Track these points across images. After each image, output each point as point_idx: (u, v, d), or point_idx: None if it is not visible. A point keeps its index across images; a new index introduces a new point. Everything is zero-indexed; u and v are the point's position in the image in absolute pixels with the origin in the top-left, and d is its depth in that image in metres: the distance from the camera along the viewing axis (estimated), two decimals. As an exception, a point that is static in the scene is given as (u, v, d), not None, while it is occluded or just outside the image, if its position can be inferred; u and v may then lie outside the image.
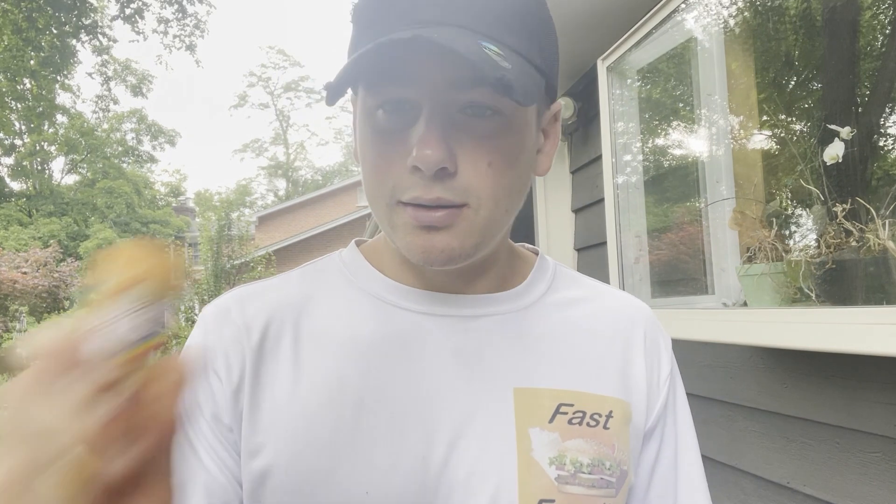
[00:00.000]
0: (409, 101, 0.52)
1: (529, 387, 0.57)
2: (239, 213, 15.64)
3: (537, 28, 0.54)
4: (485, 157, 0.52)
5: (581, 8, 2.37)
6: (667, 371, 0.65)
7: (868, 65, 1.63)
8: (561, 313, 0.63)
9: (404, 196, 0.52)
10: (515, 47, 0.52)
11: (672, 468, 0.64)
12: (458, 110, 0.52)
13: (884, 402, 1.32)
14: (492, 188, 0.52)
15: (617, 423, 0.59)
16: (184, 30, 12.32)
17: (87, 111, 39.57)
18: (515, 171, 0.54)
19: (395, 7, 0.51)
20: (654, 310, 0.72)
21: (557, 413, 0.57)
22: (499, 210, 0.54)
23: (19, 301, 15.41)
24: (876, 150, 1.53)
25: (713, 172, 1.92)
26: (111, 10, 14.77)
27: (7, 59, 10.91)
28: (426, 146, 0.49)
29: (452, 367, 0.57)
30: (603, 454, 0.57)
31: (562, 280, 0.67)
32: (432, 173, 0.50)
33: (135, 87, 26.84)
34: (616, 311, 0.66)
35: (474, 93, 0.51)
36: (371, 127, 0.54)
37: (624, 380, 0.61)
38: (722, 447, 1.88)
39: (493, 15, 0.51)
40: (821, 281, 1.29)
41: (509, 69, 0.47)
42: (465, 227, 0.53)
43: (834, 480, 1.47)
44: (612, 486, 0.57)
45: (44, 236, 23.97)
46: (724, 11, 1.94)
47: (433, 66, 0.50)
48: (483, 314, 0.60)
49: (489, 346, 0.58)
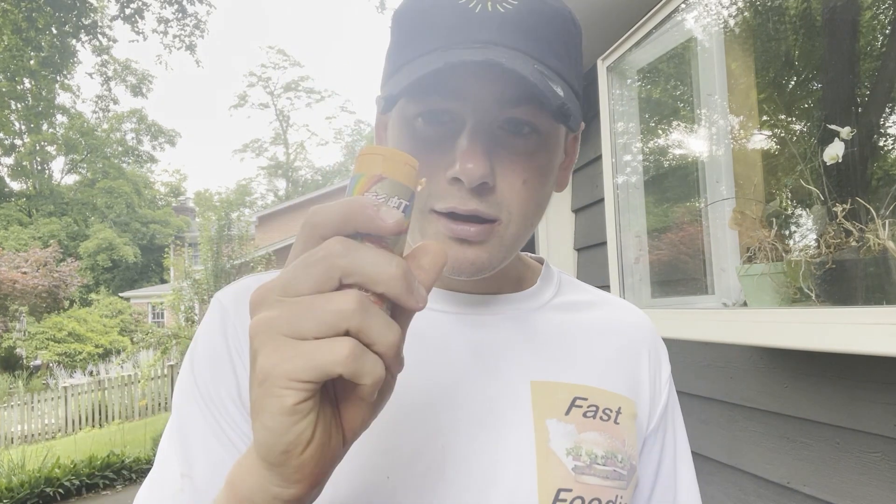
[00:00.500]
0: (451, 113, 0.53)
1: (546, 380, 0.59)
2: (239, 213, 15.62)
3: (575, 52, 0.56)
4: (521, 174, 0.54)
5: (581, 8, 2.37)
6: (666, 375, 0.69)
7: (868, 65, 1.63)
8: (570, 315, 0.66)
9: (439, 205, 0.53)
10: (561, 72, 0.53)
11: (673, 469, 0.68)
12: (498, 126, 0.53)
13: (884, 402, 1.32)
14: (524, 205, 0.55)
15: (625, 420, 0.61)
16: (184, 30, 12.32)
17: (87, 111, 39.57)
18: (545, 189, 0.57)
19: (447, 22, 0.51)
20: (654, 310, 0.74)
21: (573, 406, 0.59)
22: (526, 226, 0.57)
23: (19, 301, 15.40)
24: (876, 150, 1.53)
25: (713, 172, 1.92)
26: (111, 10, 14.77)
27: (7, 59, 10.91)
28: (470, 160, 0.51)
29: (471, 362, 0.58)
30: (615, 447, 0.59)
31: (567, 286, 0.70)
32: (474, 186, 0.51)
33: (135, 87, 26.84)
34: (623, 315, 0.69)
35: (517, 110, 0.52)
36: (410, 134, 0.55)
37: (631, 380, 0.64)
38: (722, 447, 1.88)
39: (543, 40, 0.52)
40: (821, 281, 1.29)
41: (563, 95, 0.49)
42: (496, 243, 0.55)
43: (834, 480, 1.47)
44: (624, 479, 0.59)
45: (44, 236, 23.96)
46: (724, 11, 1.94)
47: (483, 82, 0.51)
48: (499, 312, 0.62)
49: (506, 341, 0.60)
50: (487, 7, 0.51)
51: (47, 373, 15.55)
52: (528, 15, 0.52)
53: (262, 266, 13.08)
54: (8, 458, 6.27)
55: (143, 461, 6.42)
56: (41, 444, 8.70)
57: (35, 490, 5.50)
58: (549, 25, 0.53)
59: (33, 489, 5.50)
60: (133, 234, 27.64)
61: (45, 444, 8.59)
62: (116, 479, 6.11)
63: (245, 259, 13.13)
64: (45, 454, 6.31)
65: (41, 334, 17.10)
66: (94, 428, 10.04)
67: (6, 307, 15.19)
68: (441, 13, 0.52)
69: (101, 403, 10.39)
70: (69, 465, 5.96)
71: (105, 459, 6.20)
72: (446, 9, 0.52)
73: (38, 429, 9.81)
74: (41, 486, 5.56)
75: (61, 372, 14.29)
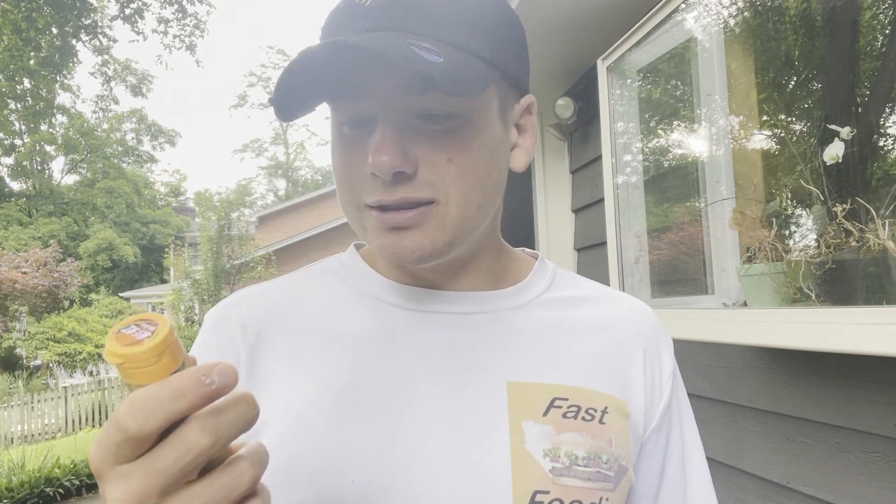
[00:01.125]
0: (368, 114, 0.54)
1: (523, 381, 0.58)
2: (239, 213, 15.63)
3: (484, 22, 0.55)
4: (443, 153, 0.53)
5: (581, 8, 2.37)
6: (668, 371, 0.66)
7: (868, 65, 1.63)
8: (558, 312, 0.64)
9: (368, 199, 0.55)
10: (454, 41, 0.53)
11: (680, 468, 0.65)
12: (414, 115, 0.53)
13: (884, 402, 1.32)
14: (457, 182, 0.54)
15: (613, 419, 0.59)
16: (184, 30, 12.33)
17: (87, 111, 39.56)
18: (479, 166, 0.55)
19: (337, 22, 0.54)
20: (654, 310, 0.72)
21: (552, 407, 0.57)
22: (469, 205, 0.55)
23: (19, 301, 15.40)
24: (876, 150, 1.53)
25: (713, 172, 1.92)
26: (111, 10, 14.77)
27: (7, 59, 10.91)
28: (380, 153, 0.51)
29: (446, 362, 0.58)
30: (599, 448, 0.57)
31: (562, 281, 0.68)
32: (389, 178, 0.52)
33: (135, 87, 26.85)
34: (615, 310, 0.67)
35: (428, 98, 0.52)
36: (338, 139, 0.57)
37: (621, 378, 0.62)
38: (722, 447, 1.88)
39: (429, 14, 0.52)
40: (821, 281, 1.29)
41: (439, 63, 0.48)
42: (436, 225, 0.54)
43: (834, 480, 1.47)
44: (610, 481, 0.57)
45: (44, 236, 23.97)
46: (724, 11, 1.94)
47: (380, 76, 0.52)
48: (476, 311, 0.61)
49: (482, 341, 0.59)
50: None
51: (47, 373, 15.54)
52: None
53: (262, 266, 13.08)
54: (8, 458, 6.26)
55: (143, 461, 6.41)
56: (41, 444, 8.70)
57: (35, 490, 5.50)
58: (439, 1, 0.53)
59: (33, 489, 5.50)
60: (133, 234, 27.65)
61: (45, 444, 8.59)
62: (116, 479, 6.11)
63: (245, 259, 13.14)
64: (45, 454, 6.31)
65: (41, 334, 17.09)
66: (94, 428, 10.04)
67: (6, 307, 15.18)
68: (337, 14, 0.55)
69: (101, 403, 10.39)
70: (69, 465, 5.96)
71: (105, 459, 6.20)
72: (342, 9, 0.54)
73: (38, 429, 9.81)
74: (41, 486, 5.56)
75: (61, 372, 14.29)
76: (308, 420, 0.55)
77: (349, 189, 0.56)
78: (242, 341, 0.59)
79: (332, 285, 0.64)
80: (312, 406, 0.56)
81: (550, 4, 2.35)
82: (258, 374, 0.58)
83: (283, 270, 15.51)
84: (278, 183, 40.79)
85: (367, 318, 0.60)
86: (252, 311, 0.61)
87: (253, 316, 0.61)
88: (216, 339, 0.60)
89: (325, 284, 0.65)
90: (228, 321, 0.61)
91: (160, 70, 51.50)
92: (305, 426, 0.55)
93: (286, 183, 40.03)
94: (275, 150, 40.22)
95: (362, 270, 0.64)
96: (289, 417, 0.55)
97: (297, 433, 0.55)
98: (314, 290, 0.64)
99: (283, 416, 0.56)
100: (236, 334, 0.60)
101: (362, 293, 0.62)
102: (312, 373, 0.57)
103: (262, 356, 0.59)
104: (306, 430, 0.55)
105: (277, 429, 0.55)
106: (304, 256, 16.52)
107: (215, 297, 12.23)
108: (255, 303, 0.62)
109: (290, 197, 35.71)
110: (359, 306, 0.61)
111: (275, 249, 15.20)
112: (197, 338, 0.63)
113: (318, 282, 0.65)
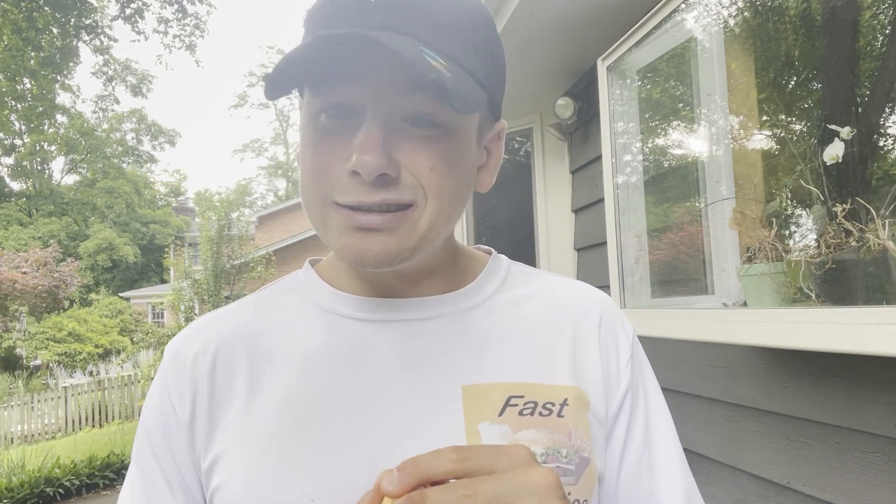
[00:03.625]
0: (352, 106, 0.53)
1: (478, 383, 0.58)
2: (239, 213, 15.62)
3: (482, 45, 0.55)
4: (426, 161, 0.53)
5: (581, 8, 2.37)
6: (626, 356, 0.64)
7: (868, 65, 1.63)
8: (510, 309, 0.64)
9: (341, 198, 0.53)
10: (457, 58, 0.52)
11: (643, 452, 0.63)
12: (400, 118, 0.53)
13: (884, 402, 1.32)
14: (435, 191, 0.54)
15: (573, 411, 0.59)
16: (184, 30, 12.32)
17: (87, 111, 39.57)
18: (456, 179, 0.55)
19: (343, 12, 0.52)
20: (654, 310, 0.72)
21: (507, 406, 0.57)
22: (441, 215, 0.55)
23: (19, 301, 15.40)
24: (876, 150, 1.53)
25: (713, 172, 1.92)
26: (111, 10, 14.77)
27: (7, 59, 10.91)
28: (366, 152, 0.50)
29: (400, 372, 0.58)
30: (558, 442, 0.57)
31: (515, 277, 0.67)
32: (372, 179, 0.51)
33: (135, 87, 26.84)
34: (567, 300, 0.66)
35: (415, 100, 0.52)
36: (314, 129, 0.55)
37: (576, 367, 0.62)
38: (722, 447, 1.88)
39: (437, 25, 0.52)
40: (821, 281, 1.29)
41: (447, 76, 0.48)
42: (407, 230, 0.54)
43: (834, 480, 1.47)
44: (571, 474, 0.57)
45: (44, 236, 23.97)
46: (724, 11, 1.94)
47: (375, 67, 0.51)
48: (429, 316, 0.61)
49: (436, 347, 0.60)
50: None
51: (47, 373, 15.54)
52: (427, 3, 0.52)
53: (262, 266, 13.08)
54: (8, 458, 6.27)
55: (143, 461, 6.42)
56: (41, 444, 8.70)
57: (35, 490, 5.50)
58: (449, 14, 0.53)
59: (33, 489, 5.50)
60: (133, 234, 27.64)
61: (45, 444, 8.59)
62: (116, 479, 6.11)
63: (245, 259, 13.14)
64: (45, 454, 6.32)
65: (41, 334, 17.09)
66: (94, 428, 10.05)
67: (6, 307, 15.19)
68: (336, 5, 0.52)
69: (101, 403, 10.40)
70: (69, 465, 5.96)
71: (105, 459, 6.20)
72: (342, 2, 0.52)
73: (38, 429, 9.81)
74: (41, 486, 5.56)
75: (61, 372, 14.29)
76: (268, 441, 0.56)
77: (318, 183, 0.54)
78: (200, 369, 0.60)
79: (290, 303, 0.64)
80: (271, 427, 0.56)
81: (551, 4, 2.35)
82: (218, 397, 0.59)
83: (283, 270, 15.52)
84: (278, 183, 40.81)
85: (324, 333, 0.61)
86: (209, 338, 0.62)
87: (210, 342, 0.62)
88: (173, 371, 0.61)
89: (283, 304, 0.65)
90: (186, 351, 0.62)
91: (160, 70, 51.47)
92: (266, 448, 0.56)
93: (286, 183, 40.04)
94: (275, 150, 40.25)
95: (317, 285, 0.64)
96: (248, 439, 0.56)
97: (257, 456, 0.56)
98: (272, 310, 0.64)
99: (242, 438, 0.57)
100: (193, 363, 0.61)
101: (319, 308, 0.63)
102: (271, 393, 0.58)
103: (219, 380, 0.60)
104: (266, 453, 0.55)
105: (237, 452, 0.56)
106: (303, 256, 16.39)
107: (215, 297, 12.24)
108: (213, 328, 0.63)
109: (290, 197, 35.72)
110: (315, 322, 0.62)
111: (275, 249, 15.20)
112: (157, 370, 0.64)
113: (276, 302, 0.65)
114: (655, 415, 0.65)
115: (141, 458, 0.61)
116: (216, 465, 0.57)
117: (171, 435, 0.59)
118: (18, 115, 24.67)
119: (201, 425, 0.59)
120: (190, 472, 0.59)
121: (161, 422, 0.60)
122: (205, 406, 0.59)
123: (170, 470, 0.59)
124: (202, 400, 0.59)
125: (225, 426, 0.58)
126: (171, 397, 0.60)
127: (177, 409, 0.60)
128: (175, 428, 0.59)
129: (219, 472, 0.57)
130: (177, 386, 0.60)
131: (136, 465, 0.61)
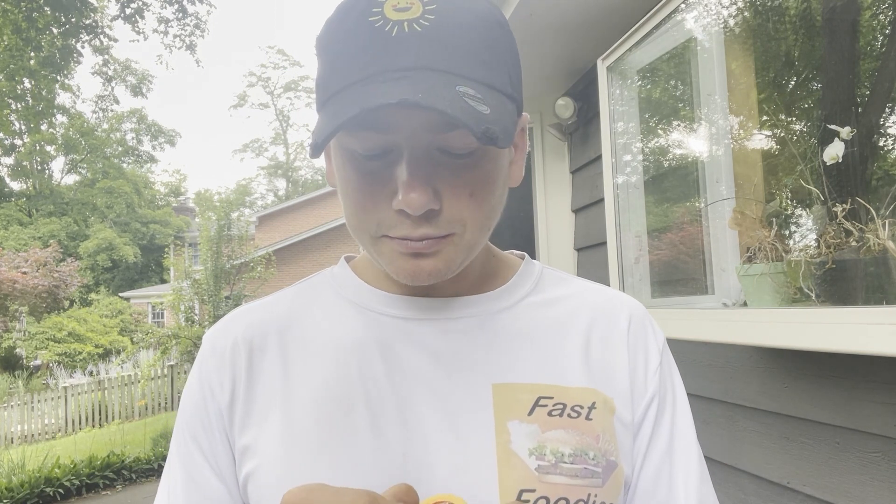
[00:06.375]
0: (388, 145, 0.53)
1: (508, 382, 0.59)
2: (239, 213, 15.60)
3: (505, 54, 0.55)
4: (466, 188, 0.54)
5: (581, 8, 2.37)
6: (655, 364, 0.65)
7: (868, 65, 1.63)
8: (541, 312, 0.65)
9: (391, 233, 0.55)
10: (489, 81, 0.52)
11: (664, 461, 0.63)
12: (437, 149, 0.53)
13: (884, 402, 1.32)
14: (475, 215, 0.55)
15: (600, 415, 0.60)
16: (184, 30, 12.31)
17: (87, 111, 39.56)
18: (496, 195, 0.58)
19: (367, 50, 0.50)
20: (654, 310, 0.72)
21: (537, 406, 0.58)
22: (483, 232, 0.58)
23: (19, 301, 15.40)
24: (876, 150, 1.53)
25: (713, 172, 1.92)
26: (111, 10, 14.75)
27: (7, 59, 10.90)
28: (411, 190, 0.51)
29: (432, 368, 0.59)
30: (586, 444, 0.58)
31: (548, 281, 0.68)
32: (419, 215, 0.53)
33: (135, 87, 26.85)
34: (597, 305, 0.67)
35: (451, 136, 0.52)
36: (353, 167, 0.55)
37: (605, 373, 0.62)
38: (722, 447, 1.88)
39: (464, 51, 0.51)
40: (821, 281, 1.29)
41: (489, 115, 0.48)
42: (452, 251, 0.56)
43: (834, 480, 1.47)
44: (598, 476, 0.57)
45: (44, 236, 23.97)
46: (724, 11, 1.94)
47: (411, 114, 0.51)
48: (461, 316, 0.62)
49: (467, 346, 0.61)
50: (404, 28, 0.49)
51: (47, 373, 15.55)
52: (448, 28, 0.51)
53: (262, 266, 13.07)
54: (8, 458, 6.27)
55: (143, 461, 6.43)
56: (41, 444, 8.70)
57: (35, 490, 5.50)
58: (470, 34, 0.52)
59: (33, 489, 5.50)
60: (133, 234, 27.64)
61: (45, 444, 8.59)
62: (116, 479, 6.12)
63: (245, 259, 13.13)
64: (45, 454, 6.31)
65: (41, 334, 17.10)
66: (94, 428, 10.05)
67: (6, 307, 15.18)
68: (357, 40, 0.51)
69: (101, 403, 10.40)
70: (69, 465, 5.96)
71: (105, 459, 6.20)
72: (362, 35, 0.50)
73: (38, 429, 9.82)
74: (41, 486, 5.56)
75: (61, 372, 14.30)
76: (302, 430, 0.57)
77: (366, 220, 0.56)
78: (239, 357, 0.62)
79: (325, 298, 0.66)
80: (307, 416, 0.58)
81: (550, 4, 2.35)
82: (255, 385, 0.61)
83: (283, 270, 15.51)
84: (278, 183, 40.83)
85: (358, 328, 0.62)
86: (247, 327, 0.64)
87: (248, 331, 0.64)
88: (212, 359, 0.63)
89: (318, 297, 0.67)
90: (225, 340, 0.64)
91: (160, 70, 51.50)
92: (300, 437, 0.57)
93: (286, 183, 40.05)
94: (275, 150, 40.26)
95: (352, 282, 0.66)
96: (284, 428, 0.58)
97: (292, 444, 0.57)
98: (307, 303, 0.66)
99: (278, 426, 0.58)
100: (232, 351, 0.63)
101: (354, 304, 0.64)
102: (306, 383, 0.60)
103: (256, 368, 0.62)
104: (300, 442, 0.57)
105: (272, 440, 0.58)
106: (303, 256, 16.51)
107: (215, 297, 12.22)
108: (251, 317, 0.65)
109: (290, 197, 35.73)
110: (350, 317, 0.63)
111: (275, 249, 15.18)
112: (197, 357, 0.65)
113: (312, 294, 0.67)
114: (680, 426, 0.65)
115: (181, 445, 0.62)
116: (250, 450, 0.59)
117: (210, 422, 0.61)
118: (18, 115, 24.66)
119: (239, 411, 0.60)
120: (227, 459, 0.61)
121: (201, 408, 0.62)
122: (242, 393, 0.61)
123: (210, 454, 0.61)
124: (240, 386, 0.61)
125: (261, 413, 0.60)
126: (211, 384, 0.62)
127: (217, 395, 0.61)
128: (214, 416, 0.61)
129: (253, 457, 0.58)
130: (217, 373, 0.62)
131: (177, 453, 0.63)
